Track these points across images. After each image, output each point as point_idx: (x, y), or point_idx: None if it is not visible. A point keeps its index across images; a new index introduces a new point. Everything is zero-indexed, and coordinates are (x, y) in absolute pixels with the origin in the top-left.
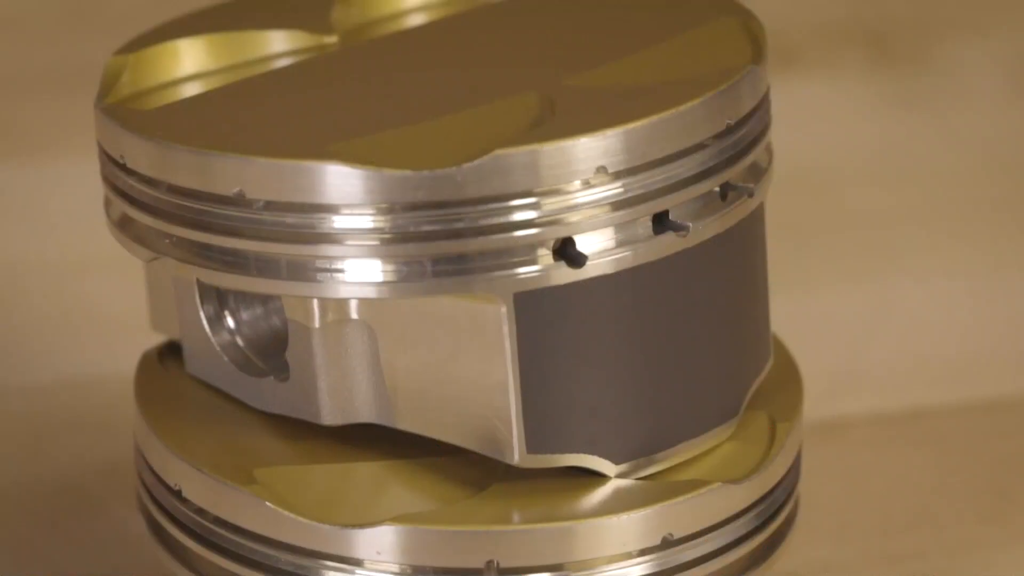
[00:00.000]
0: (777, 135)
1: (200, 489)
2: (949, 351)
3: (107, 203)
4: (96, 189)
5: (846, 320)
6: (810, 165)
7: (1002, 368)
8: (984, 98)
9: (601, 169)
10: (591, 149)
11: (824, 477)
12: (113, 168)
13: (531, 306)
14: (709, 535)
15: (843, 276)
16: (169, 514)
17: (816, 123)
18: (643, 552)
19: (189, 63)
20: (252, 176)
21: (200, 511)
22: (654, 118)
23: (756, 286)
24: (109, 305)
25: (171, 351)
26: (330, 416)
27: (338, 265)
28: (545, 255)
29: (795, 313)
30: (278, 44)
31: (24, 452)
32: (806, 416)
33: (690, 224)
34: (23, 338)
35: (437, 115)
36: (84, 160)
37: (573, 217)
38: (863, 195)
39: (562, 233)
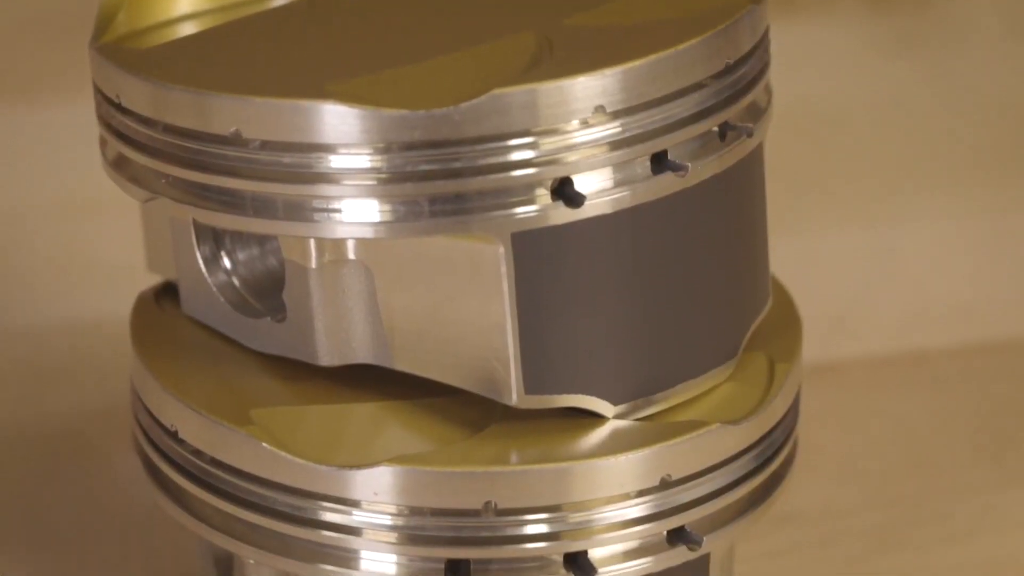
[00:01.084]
0: (776, 79)
1: (196, 430)
2: (949, 294)
3: (103, 143)
4: (91, 131)
5: (845, 263)
6: (809, 109)
7: (1002, 311)
8: (983, 42)
9: (599, 108)
10: (589, 88)
11: (823, 420)
12: (109, 108)
13: (529, 246)
14: (707, 476)
15: (842, 219)
16: (165, 455)
17: (815, 67)
18: (641, 493)
19: (185, 2)
20: (249, 116)
21: (196, 452)
22: (652, 57)
23: (755, 227)
24: (105, 247)
25: (167, 292)
26: (327, 357)
27: (335, 205)
28: (543, 195)
29: (794, 256)
30: None
31: (21, 396)
32: (805, 359)
33: (689, 164)
34: (19, 282)
35: (435, 55)
36: (79, 101)
37: (571, 157)
38: (862, 138)
39: (560, 173)
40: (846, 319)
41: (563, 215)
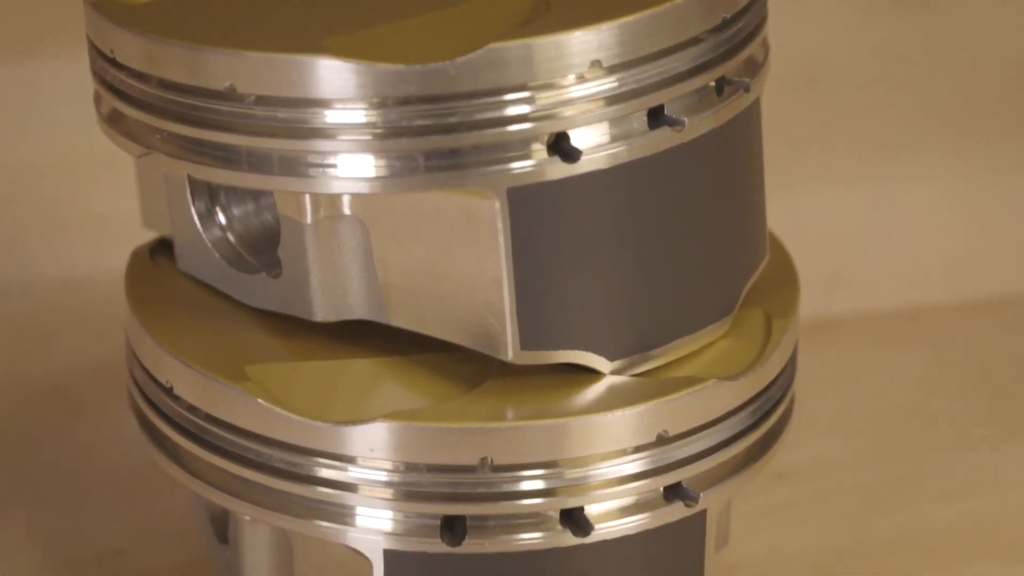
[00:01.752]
0: (774, 34)
1: (191, 386)
2: (946, 250)
3: (97, 99)
4: (85, 87)
5: (842, 220)
6: (806, 65)
7: (999, 267)
8: None
9: (596, 63)
10: (585, 43)
11: (820, 376)
12: (103, 63)
13: (525, 201)
14: (704, 432)
15: (839, 176)
16: (161, 412)
17: (812, 22)
18: (638, 449)
19: None
20: (243, 70)
21: (191, 408)
22: (649, 12)
23: (752, 182)
24: (99, 203)
25: (162, 248)
26: (322, 312)
27: (330, 160)
28: (539, 150)
29: (791, 213)
30: None
31: (15, 353)
32: (802, 315)
33: (685, 119)
34: (13, 238)
35: (430, 9)
36: (73, 57)
37: (567, 111)
38: (860, 94)
39: (556, 128)
40: (843, 276)
41: (559, 170)
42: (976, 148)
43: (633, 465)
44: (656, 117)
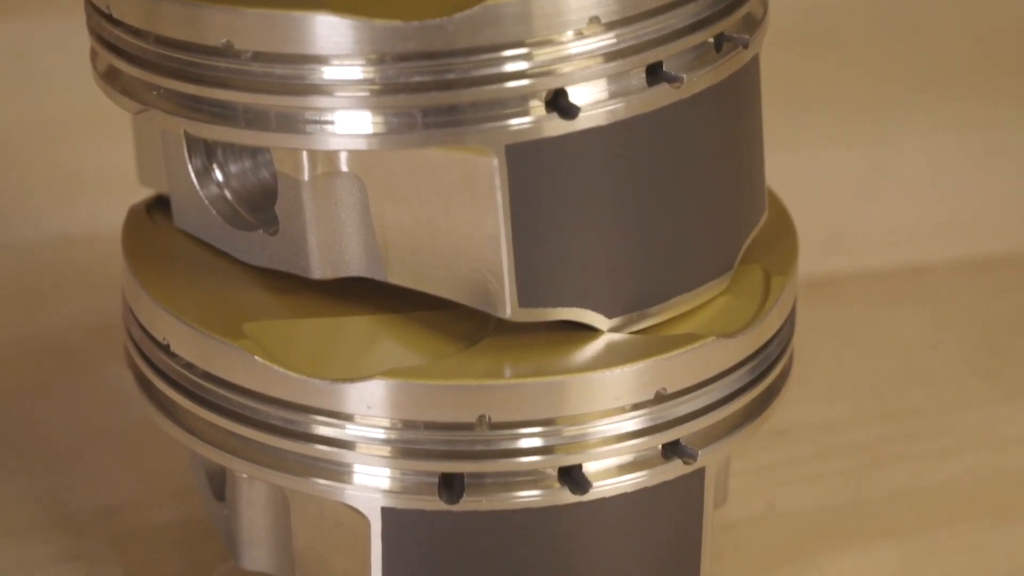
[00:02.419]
0: None
1: (188, 343)
2: (945, 208)
3: (93, 55)
4: (82, 44)
5: (842, 178)
6: (804, 22)
7: (998, 225)
8: None
9: (594, 19)
10: None
11: (818, 334)
12: (99, 19)
13: (523, 158)
14: (702, 390)
15: (838, 134)
16: (157, 369)
17: None
18: (636, 407)
19: None
20: (240, 26)
21: (188, 366)
22: None
23: (751, 139)
24: (96, 161)
25: (159, 205)
26: (320, 270)
27: (328, 117)
28: (537, 106)
29: (790, 171)
30: None
31: (13, 311)
32: (801, 274)
33: (684, 76)
34: (10, 197)
35: None
36: (69, 15)
37: (565, 68)
38: (858, 52)
39: (554, 84)
40: (841, 234)
41: (557, 127)
42: (975, 106)
43: (631, 423)
44: (654, 73)
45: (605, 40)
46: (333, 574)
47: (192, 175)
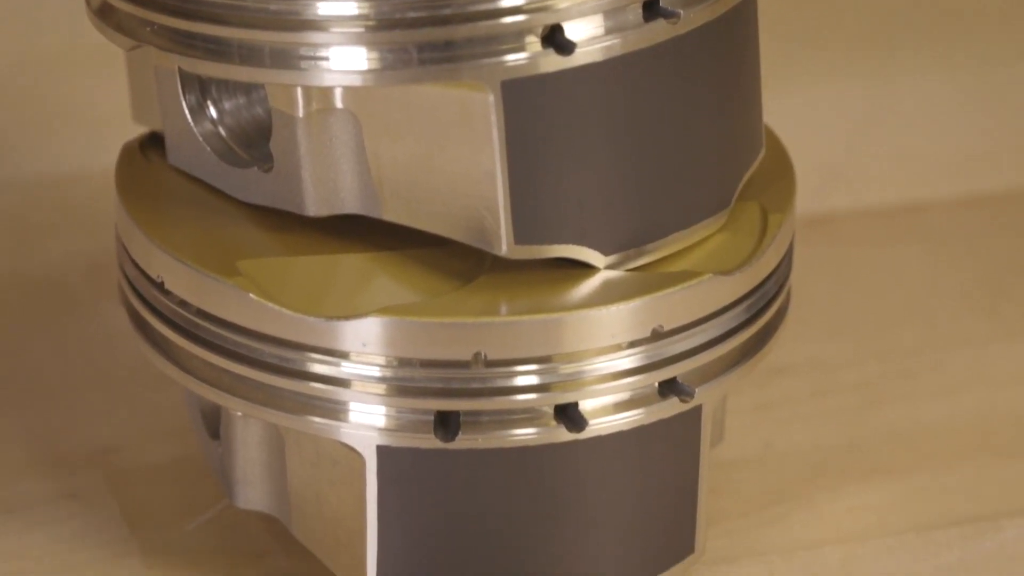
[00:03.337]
0: None
1: (183, 281)
2: (944, 146)
3: None
4: None
5: (840, 116)
6: None
7: (997, 163)
8: None
9: None
10: None
11: (816, 272)
12: None
13: (519, 95)
14: (699, 327)
15: (836, 71)
16: (152, 307)
17: None
18: (632, 344)
19: None
20: None
21: (183, 303)
22: None
23: (748, 76)
24: (89, 99)
25: (153, 143)
26: (315, 207)
27: (322, 53)
28: (533, 42)
29: (788, 109)
30: None
31: (7, 249)
32: (798, 212)
33: (681, 11)
34: (3, 135)
35: None
36: None
37: (561, 3)
38: None
39: (550, 20)
40: (839, 172)
41: (553, 63)
42: (975, 43)
43: (628, 360)
44: (651, 9)
45: None
46: (328, 512)
47: (186, 112)
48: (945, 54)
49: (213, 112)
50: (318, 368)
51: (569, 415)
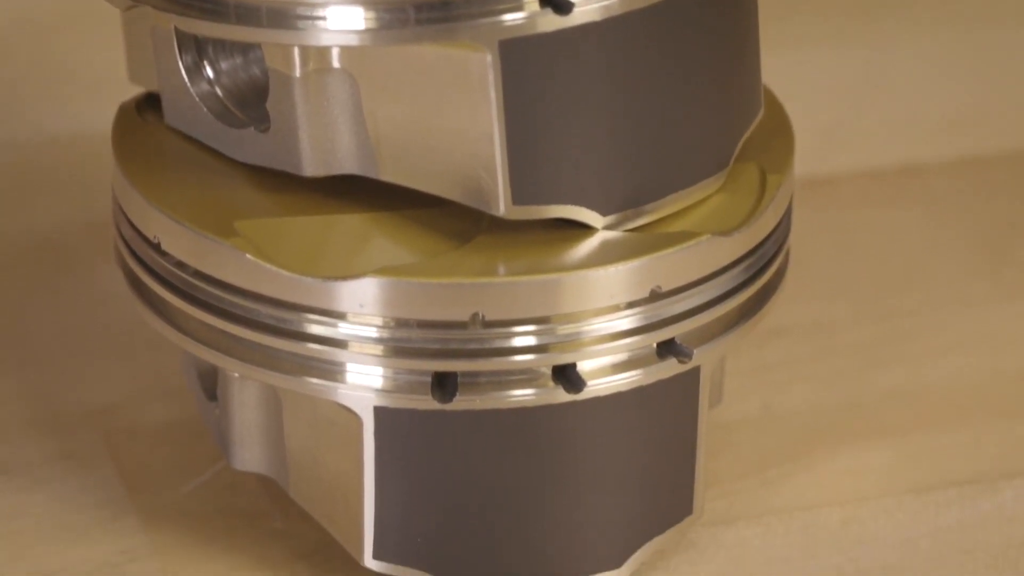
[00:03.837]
0: None
1: (179, 242)
2: (943, 106)
3: None
4: None
5: (839, 76)
6: None
7: (996, 124)
8: None
9: None
10: None
11: (815, 234)
12: None
13: (517, 54)
14: (698, 288)
15: (835, 32)
16: (148, 268)
17: None
18: (630, 305)
19: None
20: None
21: (179, 264)
22: None
23: (746, 36)
24: (86, 59)
25: (149, 103)
26: (312, 167)
27: (319, 12)
28: (531, 2)
29: (786, 70)
30: None
31: (2, 210)
32: (797, 173)
33: None
34: (0, 95)
35: None
36: None
37: None
38: None
39: None
40: (839, 133)
41: (551, 22)
42: (972, 4)
43: (626, 321)
44: None
45: None
46: (326, 474)
47: (182, 72)
48: (945, 15)
49: (210, 72)
50: (315, 329)
51: (567, 376)
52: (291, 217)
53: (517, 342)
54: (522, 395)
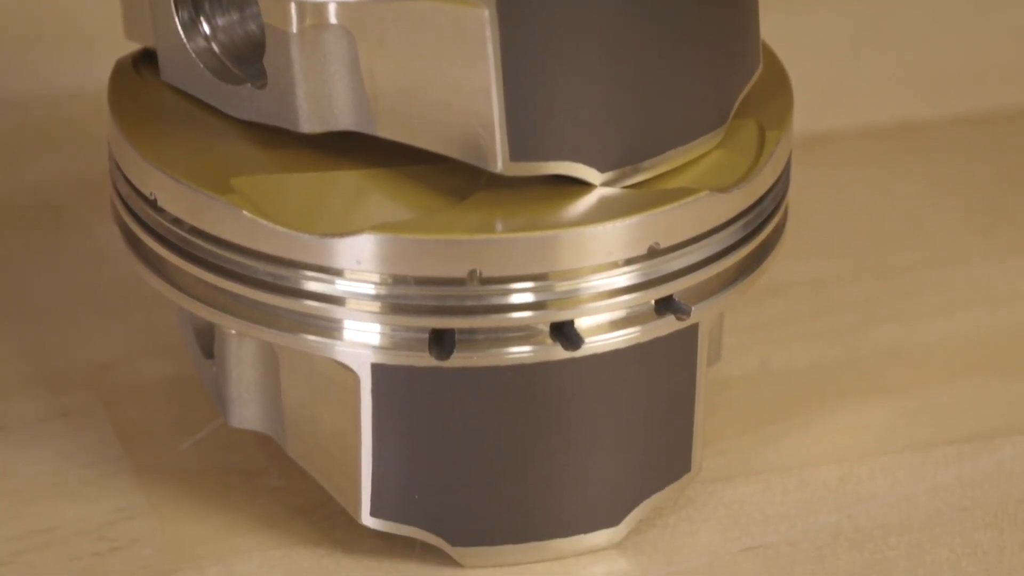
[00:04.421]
0: None
1: (176, 198)
2: (943, 64)
3: None
4: None
5: (839, 33)
6: None
7: (996, 80)
8: None
9: None
10: None
11: (814, 191)
12: None
13: (515, 9)
14: (696, 244)
15: None
16: (145, 225)
17: None
18: (629, 262)
19: None
20: None
21: (176, 221)
22: None
23: None
24: (83, 16)
25: (146, 59)
26: (309, 123)
27: None
28: None
29: (785, 27)
30: None
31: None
32: (796, 131)
33: None
34: None
35: None
36: None
37: None
38: None
39: None
40: (838, 90)
41: None
42: None
43: (624, 278)
44: None
45: None
46: (323, 431)
47: (179, 28)
48: None
49: (206, 28)
50: (312, 286)
51: (565, 333)
52: (288, 174)
53: (515, 299)
54: (520, 352)
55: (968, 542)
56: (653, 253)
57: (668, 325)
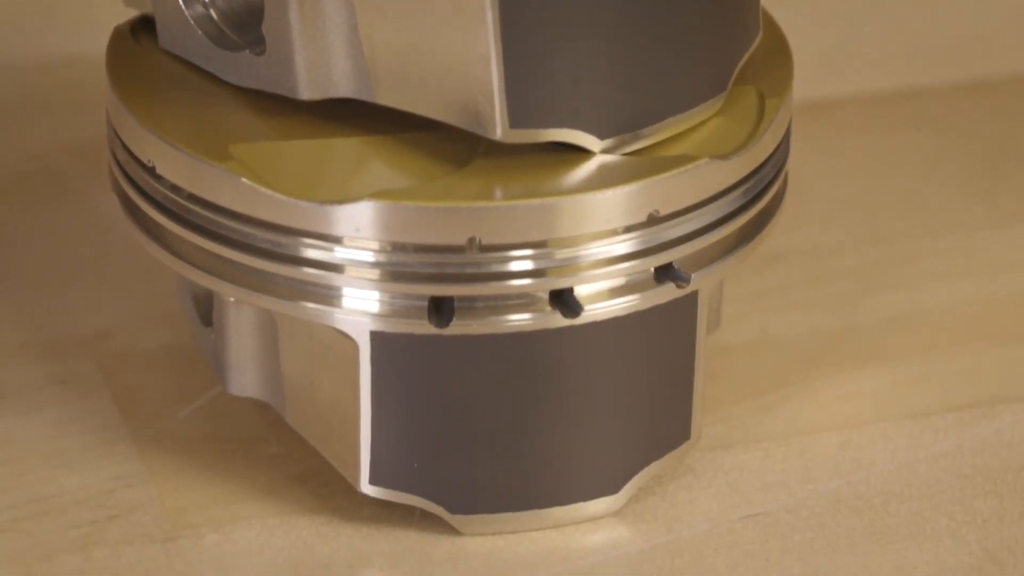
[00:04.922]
0: None
1: (174, 166)
2: (942, 30)
3: None
4: None
5: (838, 0)
6: None
7: (996, 48)
8: None
9: None
10: None
11: (814, 159)
12: None
13: None
14: (696, 212)
15: None
16: (143, 192)
17: None
18: (628, 229)
19: None
20: None
21: (174, 188)
22: None
23: None
24: None
25: (144, 26)
26: (307, 91)
27: None
28: None
29: None
30: None
31: None
32: (796, 99)
33: None
34: None
35: None
36: None
37: None
38: None
39: None
40: (837, 57)
41: None
42: None
43: (624, 245)
44: None
45: None
46: (322, 399)
47: None
48: None
49: None
50: (311, 253)
51: (564, 300)
52: (287, 141)
53: (514, 266)
54: (519, 320)
55: (968, 509)
56: (653, 220)
57: (668, 293)
